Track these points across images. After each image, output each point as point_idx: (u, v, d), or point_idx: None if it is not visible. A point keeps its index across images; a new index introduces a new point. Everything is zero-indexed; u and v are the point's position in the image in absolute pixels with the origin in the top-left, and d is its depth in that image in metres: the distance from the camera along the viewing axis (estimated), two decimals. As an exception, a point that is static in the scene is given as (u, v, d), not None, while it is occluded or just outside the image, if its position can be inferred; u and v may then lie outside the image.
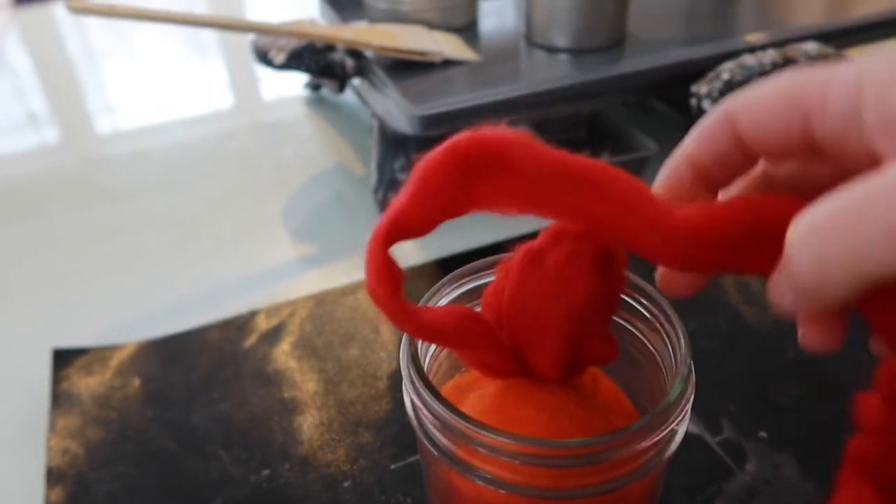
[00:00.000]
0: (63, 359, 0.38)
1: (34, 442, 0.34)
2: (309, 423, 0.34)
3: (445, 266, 0.44)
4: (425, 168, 0.18)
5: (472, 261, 0.24)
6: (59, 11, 0.88)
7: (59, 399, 0.35)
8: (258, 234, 0.49)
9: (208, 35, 0.81)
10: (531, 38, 0.53)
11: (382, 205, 0.47)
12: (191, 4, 0.96)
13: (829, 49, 0.48)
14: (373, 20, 0.55)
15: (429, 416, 0.20)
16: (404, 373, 0.21)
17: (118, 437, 0.34)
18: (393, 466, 0.32)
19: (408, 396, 0.21)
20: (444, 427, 0.20)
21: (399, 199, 0.18)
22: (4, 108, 0.69)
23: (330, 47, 0.50)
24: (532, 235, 0.21)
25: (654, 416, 0.19)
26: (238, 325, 0.40)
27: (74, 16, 0.41)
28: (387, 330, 0.39)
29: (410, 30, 0.52)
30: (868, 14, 0.54)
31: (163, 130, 0.64)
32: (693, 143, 0.20)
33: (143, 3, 0.46)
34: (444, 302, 0.23)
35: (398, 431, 0.33)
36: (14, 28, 0.86)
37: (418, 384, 0.20)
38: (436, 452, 0.20)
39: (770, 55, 0.47)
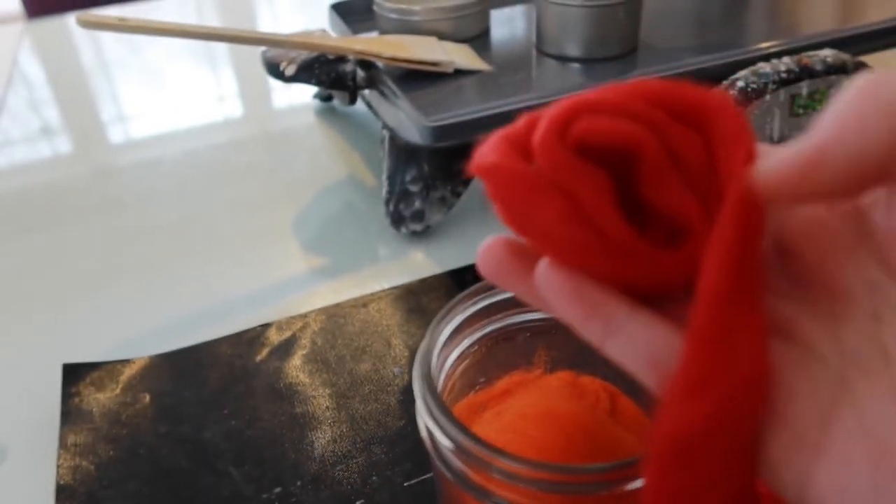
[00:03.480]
0: (73, 373, 0.37)
1: (44, 458, 0.34)
2: (321, 440, 0.34)
3: (456, 277, 0.43)
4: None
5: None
6: (72, 23, 0.89)
7: (70, 415, 0.35)
8: (269, 245, 0.49)
9: (219, 46, 0.81)
10: (542, 47, 0.53)
11: (394, 216, 0.47)
12: (201, 17, 0.97)
13: (845, 56, 0.47)
14: (383, 31, 0.55)
15: (444, 439, 0.20)
16: (417, 394, 0.21)
17: (129, 454, 0.33)
18: (406, 484, 0.31)
19: (421, 419, 0.21)
20: (460, 451, 0.19)
21: None
22: (18, 119, 0.69)
23: (341, 58, 0.50)
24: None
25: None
26: (249, 339, 0.39)
27: (86, 29, 0.41)
28: (399, 344, 0.39)
29: (421, 40, 0.52)
30: (884, 20, 0.53)
31: (174, 141, 0.64)
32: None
33: (154, 16, 0.46)
34: (459, 319, 0.22)
35: (411, 448, 0.33)
36: (27, 40, 0.86)
37: (433, 407, 0.20)
38: (450, 476, 0.20)
39: (785, 62, 0.46)
